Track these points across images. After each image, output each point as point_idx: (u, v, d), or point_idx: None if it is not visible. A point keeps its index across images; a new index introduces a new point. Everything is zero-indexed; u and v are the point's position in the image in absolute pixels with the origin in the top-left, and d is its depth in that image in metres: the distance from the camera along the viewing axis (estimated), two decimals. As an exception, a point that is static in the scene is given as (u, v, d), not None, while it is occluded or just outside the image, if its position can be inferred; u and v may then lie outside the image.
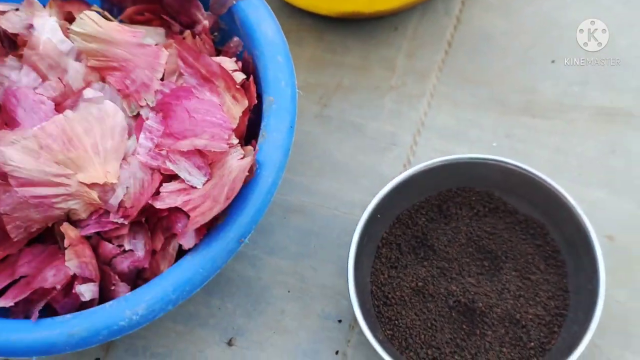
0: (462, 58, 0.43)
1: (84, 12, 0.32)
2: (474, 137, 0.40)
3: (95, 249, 0.30)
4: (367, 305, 0.34)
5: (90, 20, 0.32)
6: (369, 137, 0.41)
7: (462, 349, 0.33)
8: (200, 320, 0.37)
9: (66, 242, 0.28)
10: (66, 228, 0.29)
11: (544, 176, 0.33)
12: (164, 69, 0.32)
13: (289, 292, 0.37)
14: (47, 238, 0.31)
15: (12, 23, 0.33)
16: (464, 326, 0.33)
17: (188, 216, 0.28)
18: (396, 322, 0.34)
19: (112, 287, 0.29)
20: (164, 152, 0.29)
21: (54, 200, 0.28)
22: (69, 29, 0.32)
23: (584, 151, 0.39)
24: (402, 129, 0.41)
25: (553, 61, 0.42)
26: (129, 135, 0.30)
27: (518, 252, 0.35)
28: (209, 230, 0.29)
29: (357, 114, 0.42)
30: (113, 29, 0.32)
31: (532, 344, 0.32)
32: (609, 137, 0.39)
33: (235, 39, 0.35)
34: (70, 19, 0.34)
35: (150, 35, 0.34)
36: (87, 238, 0.30)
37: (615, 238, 0.36)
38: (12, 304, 0.28)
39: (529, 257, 0.34)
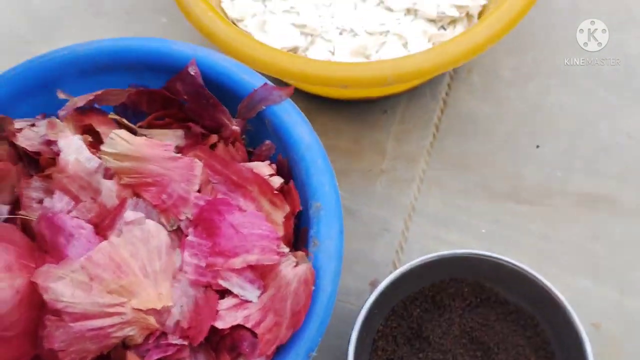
0: (450, 142, 0.47)
1: (114, 131, 0.33)
2: (463, 223, 0.44)
3: None
4: None
5: (120, 139, 0.33)
6: (361, 223, 0.45)
7: None
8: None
9: None
10: (133, 358, 0.30)
11: (531, 270, 0.37)
12: (200, 180, 0.34)
13: None
14: None
15: (29, 140, 0.34)
16: None
17: (252, 333, 0.30)
18: None
19: None
20: (214, 270, 0.31)
21: (109, 330, 0.29)
22: (91, 142, 0.34)
23: (568, 238, 0.43)
24: (394, 214, 0.45)
25: (537, 146, 0.46)
26: (174, 251, 0.32)
27: (509, 343, 0.38)
28: (277, 347, 0.30)
29: (349, 198, 0.45)
30: (143, 144, 0.34)
31: None
32: (592, 224, 0.43)
33: (267, 142, 0.38)
34: (89, 130, 0.36)
35: (169, 138, 0.36)
36: None
37: (601, 326, 0.40)
38: None
39: (520, 348, 0.38)
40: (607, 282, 0.41)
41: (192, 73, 0.37)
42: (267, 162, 0.36)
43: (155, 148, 0.34)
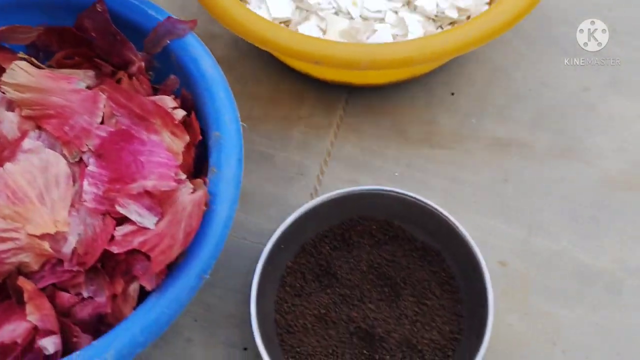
0: (367, 90, 0.50)
1: (14, 62, 0.34)
2: (377, 167, 0.47)
3: (51, 300, 0.32)
4: (270, 333, 0.38)
5: (21, 70, 0.34)
6: (277, 167, 0.47)
7: (361, 373, 0.38)
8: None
9: (26, 296, 0.30)
10: (23, 282, 0.31)
11: (439, 207, 0.40)
12: (103, 113, 0.35)
13: (195, 321, 0.42)
14: None
15: None
16: (364, 351, 0.38)
17: (146, 257, 0.31)
18: (298, 349, 0.38)
19: (74, 340, 0.31)
20: (111, 197, 0.32)
21: (3, 255, 0.30)
22: None
23: (479, 180, 0.46)
24: (310, 159, 0.47)
25: (452, 93, 0.49)
26: (74, 181, 0.33)
27: (416, 278, 0.41)
28: (169, 268, 0.32)
29: (266, 144, 0.47)
30: (46, 76, 0.35)
31: (428, 367, 0.38)
32: (503, 167, 0.46)
33: (172, 76, 0.39)
34: None
35: (80, 79, 0.37)
36: (42, 290, 0.32)
37: (507, 264, 0.43)
38: None
39: (426, 283, 0.40)
40: (514, 222, 0.44)
41: (99, 9, 0.39)
42: (172, 96, 0.38)
43: (57, 81, 0.35)
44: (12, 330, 0.31)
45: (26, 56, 0.37)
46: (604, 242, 0.43)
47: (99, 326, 0.33)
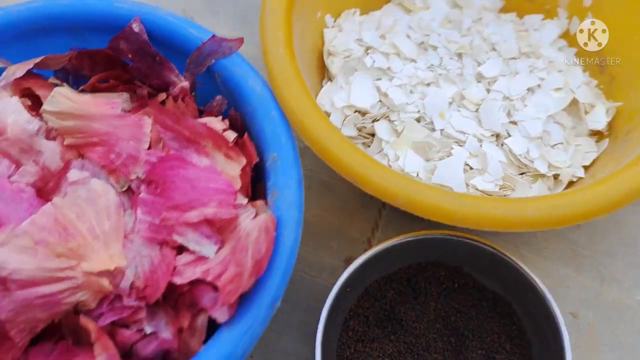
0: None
1: (55, 89, 0.37)
2: None
3: (111, 338, 0.33)
4: None
5: (63, 97, 0.37)
6: (339, 198, 0.51)
7: None
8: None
9: (93, 337, 0.32)
10: (86, 322, 0.32)
11: (510, 255, 0.42)
12: (150, 138, 0.38)
13: (251, 357, 0.44)
14: (47, 334, 0.34)
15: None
16: None
17: (212, 287, 0.33)
18: None
19: None
20: (169, 225, 0.35)
21: (60, 296, 0.32)
22: (30, 106, 0.38)
23: None
24: None
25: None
26: (124, 211, 0.36)
27: (484, 330, 0.44)
28: (239, 299, 0.34)
29: (328, 173, 0.52)
30: (88, 102, 0.38)
31: None
32: None
33: (218, 97, 0.43)
34: (28, 94, 0.40)
35: (121, 101, 0.40)
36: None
37: (578, 315, 0.47)
38: None
39: (495, 336, 0.44)
40: (587, 271, 0.49)
41: (136, 30, 0.43)
42: (220, 117, 0.42)
43: (100, 106, 0.39)
44: None
45: (58, 81, 0.41)
46: None
47: None
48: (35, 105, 0.40)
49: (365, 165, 0.40)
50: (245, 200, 0.37)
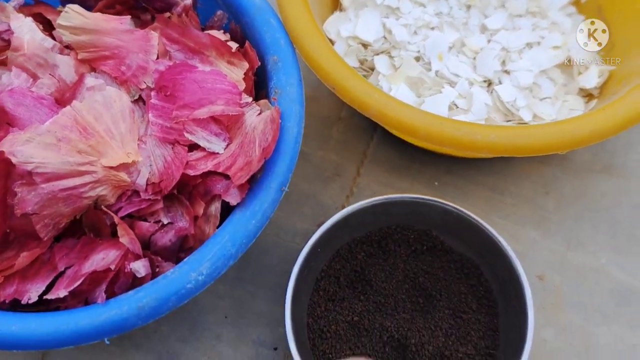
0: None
1: (68, 5, 0.46)
2: (416, 171, 0.61)
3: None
4: (302, 337, 0.49)
5: (75, 13, 0.46)
6: (313, 166, 0.61)
7: (393, 383, 0.49)
8: (135, 341, 0.51)
9: (116, 219, 0.41)
10: (107, 210, 0.42)
11: (479, 218, 0.51)
12: (157, 50, 0.48)
13: (226, 317, 0.53)
14: (69, 233, 0.43)
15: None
16: None
17: (224, 177, 0.43)
18: (330, 355, 0.49)
19: (157, 269, 0.42)
20: (179, 124, 0.44)
21: (82, 190, 0.40)
22: (52, 27, 0.46)
23: (519, 191, 0.61)
24: (347, 160, 0.61)
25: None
26: (137, 118, 0.45)
27: (452, 290, 0.52)
28: (250, 184, 0.44)
29: (304, 143, 0.60)
30: (99, 18, 0.47)
31: (461, 381, 0.49)
32: (543, 179, 0.61)
33: (219, 12, 0.53)
34: (39, 20, 0.49)
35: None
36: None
37: (545, 278, 0.57)
38: (66, 293, 0.39)
39: (462, 296, 0.52)
40: (554, 235, 0.59)
41: None
42: (221, 31, 0.51)
43: (111, 21, 0.48)
44: (102, 259, 0.41)
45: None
46: None
47: (179, 254, 0.44)
48: (47, 28, 0.49)
49: (345, 75, 0.50)
50: (250, 99, 0.47)
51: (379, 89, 0.49)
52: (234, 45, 0.49)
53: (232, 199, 0.43)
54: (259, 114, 0.45)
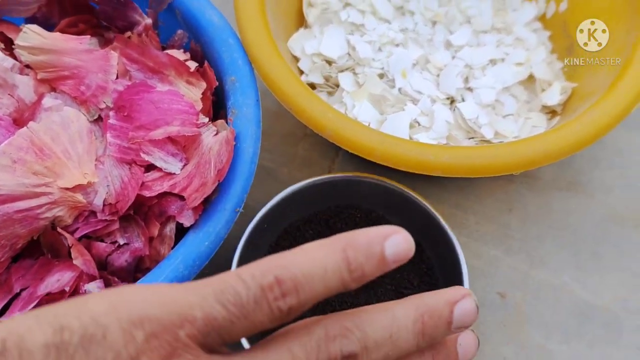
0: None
1: (27, 26, 0.48)
2: None
3: (88, 251, 0.45)
4: None
5: (34, 33, 0.49)
6: (279, 182, 0.63)
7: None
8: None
9: (70, 241, 0.43)
10: (62, 232, 0.44)
11: (420, 197, 0.55)
12: (117, 70, 0.50)
13: None
14: (27, 253, 0.45)
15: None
16: None
17: (179, 198, 0.46)
18: (271, 332, 0.52)
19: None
20: (135, 146, 0.46)
21: (38, 211, 0.42)
22: (13, 45, 0.48)
23: (482, 209, 0.64)
24: (312, 176, 0.62)
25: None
26: (95, 137, 0.47)
27: (395, 268, 0.55)
28: (204, 205, 0.46)
29: (270, 159, 0.64)
30: (58, 38, 0.50)
31: (400, 353, 0.53)
32: (508, 196, 0.64)
33: (179, 31, 0.56)
34: (1, 39, 0.51)
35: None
36: (78, 240, 0.45)
37: (506, 295, 0.60)
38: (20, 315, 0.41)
39: (405, 272, 0.56)
40: (517, 253, 0.62)
41: None
42: (181, 50, 0.54)
43: (70, 41, 0.50)
44: (57, 280, 0.43)
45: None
46: (605, 278, 0.60)
47: (135, 274, 0.47)
48: (8, 47, 0.51)
49: (301, 95, 0.53)
50: (206, 120, 0.49)
51: (334, 109, 0.52)
52: (192, 65, 0.52)
53: (186, 220, 0.45)
54: (216, 134, 0.48)
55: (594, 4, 0.64)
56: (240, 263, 0.51)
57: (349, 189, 0.57)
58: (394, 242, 0.33)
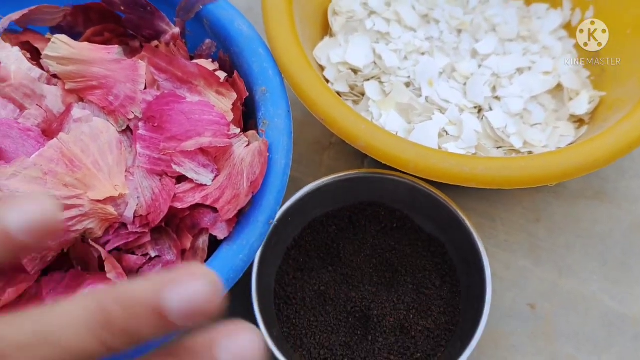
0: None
1: (55, 36, 0.48)
2: None
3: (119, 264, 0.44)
4: (267, 302, 0.53)
5: (62, 43, 0.48)
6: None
7: (353, 351, 0.53)
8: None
9: (103, 254, 0.43)
10: (94, 244, 0.43)
11: (447, 200, 0.55)
12: (145, 80, 0.50)
13: None
14: (56, 266, 0.44)
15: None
16: (358, 331, 0.54)
17: (212, 209, 0.45)
18: (294, 320, 0.54)
19: None
20: (166, 157, 0.46)
21: (69, 223, 0.41)
22: (39, 55, 0.48)
23: (510, 218, 0.63)
24: None
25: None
26: (125, 149, 0.46)
27: (417, 267, 0.56)
28: (237, 217, 0.46)
29: (295, 168, 0.63)
30: (87, 48, 0.49)
31: (419, 354, 0.52)
32: (535, 205, 0.64)
33: (207, 41, 0.56)
34: (27, 49, 0.51)
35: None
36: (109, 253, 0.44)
37: (536, 306, 0.59)
38: None
39: (427, 273, 0.56)
40: (545, 263, 0.61)
41: None
42: (210, 60, 0.54)
43: (98, 51, 0.50)
44: None
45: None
46: (634, 289, 0.60)
47: None
48: (34, 57, 0.51)
49: (333, 106, 0.52)
50: (238, 130, 0.49)
51: (367, 120, 0.52)
52: (222, 75, 0.51)
53: (220, 233, 0.45)
54: (247, 145, 0.47)
55: (621, 10, 0.64)
56: (264, 254, 0.52)
57: (374, 185, 0.57)
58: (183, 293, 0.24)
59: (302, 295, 0.54)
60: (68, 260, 0.45)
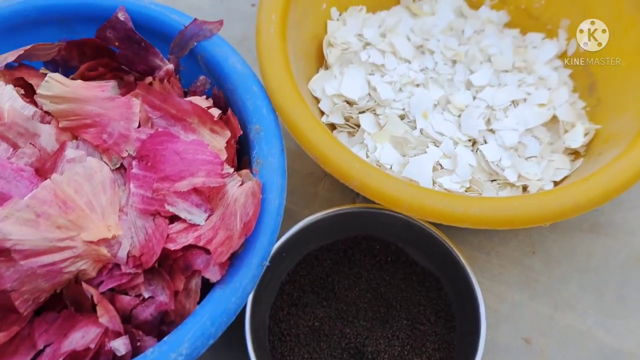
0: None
1: (49, 74, 0.48)
2: None
3: (112, 305, 0.44)
4: (261, 339, 0.53)
5: (55, 82, 0.48)
6: None
7: (348, 388, 0.53)
8: None
9: (95, 298, 0.43)
10: (87, 287, 0.43)
11: (441, 235, 0.54)
12: (139, 118, 0.50)
13: None
14: (49, 306, 0.44)
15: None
16: None
17: (204, 251, 0.45)
18: (288, 358, 0.53)
19: (138, 344, 0.43)
20: (159, 196, 0.46)
21: (62, 265, 0.41)
22: (23, 95, 0.48)
23: (505, 251, 0.63)
24: None
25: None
26: (118, 187, 0.46)
27: (412, 302, 0.56)
28: (230, 259, 0.45)
29: (290, 200, 0.63)
30: (80, 86, 0.49)
31: (413, 391, 0.53)
32: (530, 239, 0.63)
33: (202, 77, 0.56)
34: (21, 85, 0.51)
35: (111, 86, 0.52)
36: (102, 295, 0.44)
37: (531, 341, 0.59)
38: None
39: (422, 307, 0.56)
40: (541, 297, 0.61)
41: (122, 19, 0.54)
42: (204, 96, 0.54)
43: (91, 89, 0.50)
44: (82, 337, 0.42)
45: (48, 72, 0.51)
46: (629, 322, 0.60)
47: (160, 327, 0.46)
48: (28, 93, 0.51)
49: (327, 144, 0.52)
50: (231, 170, 0.49)
51: (360, 159, 0.51)
52: (216, 113, 0.51)
53: (213, 276, 0.44)
54: (241, 184, 0.47)
55: (618, 41, 0.63)
56: (258, 290, 0.51)
57: (368, 220, 0.57)
58: None
59: (297, 332, 0.54)
60: (61, 300, 0.45)
